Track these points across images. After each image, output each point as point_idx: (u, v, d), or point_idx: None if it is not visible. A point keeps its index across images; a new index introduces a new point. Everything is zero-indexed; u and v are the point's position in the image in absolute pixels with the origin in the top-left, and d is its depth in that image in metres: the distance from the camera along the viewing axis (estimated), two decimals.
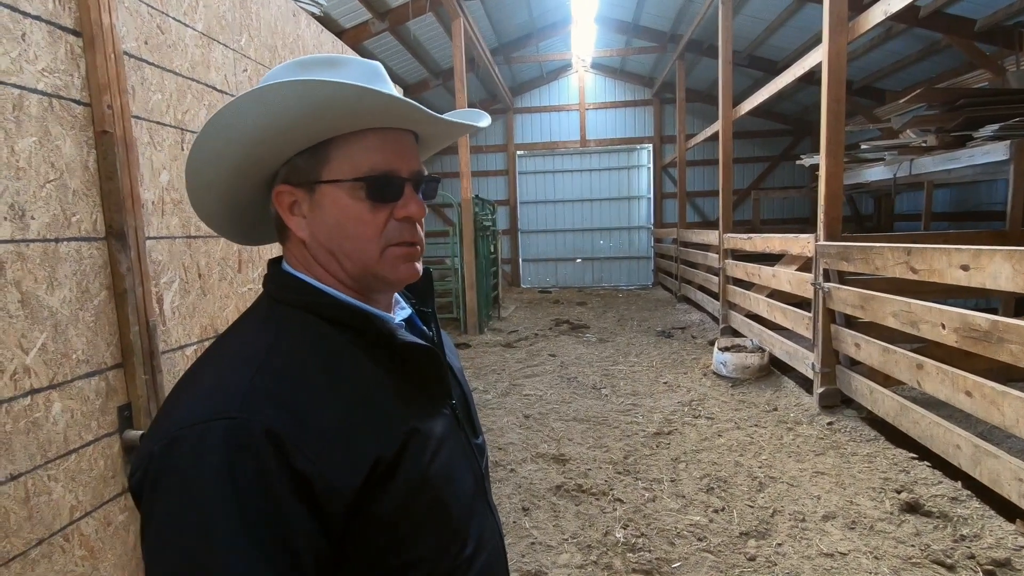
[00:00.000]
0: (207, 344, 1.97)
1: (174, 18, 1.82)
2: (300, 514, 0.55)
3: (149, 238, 1.66)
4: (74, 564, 1.39)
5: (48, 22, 1.37)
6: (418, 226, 0.71)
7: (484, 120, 0.78)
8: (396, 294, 0.82)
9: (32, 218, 1.30)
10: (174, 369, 1.79)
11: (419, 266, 0.73)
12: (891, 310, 3.22)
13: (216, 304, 1.99)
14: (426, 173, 0.73)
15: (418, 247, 0.71)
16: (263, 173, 0.71)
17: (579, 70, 12.97)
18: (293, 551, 0.54)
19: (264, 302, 0.72)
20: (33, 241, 1.31)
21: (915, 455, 3.16)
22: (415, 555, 0.64)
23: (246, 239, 0.83)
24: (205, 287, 1.94)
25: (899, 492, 2.80)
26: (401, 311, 0.80)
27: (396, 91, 0.70)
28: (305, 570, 0.55)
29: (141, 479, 0.57)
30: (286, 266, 0.73)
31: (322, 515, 0.57)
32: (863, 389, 3.72)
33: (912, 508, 2.66)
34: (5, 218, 1.24)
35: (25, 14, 1.30)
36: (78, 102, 1.44)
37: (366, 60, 0.71)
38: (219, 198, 0.74)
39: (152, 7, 1.72)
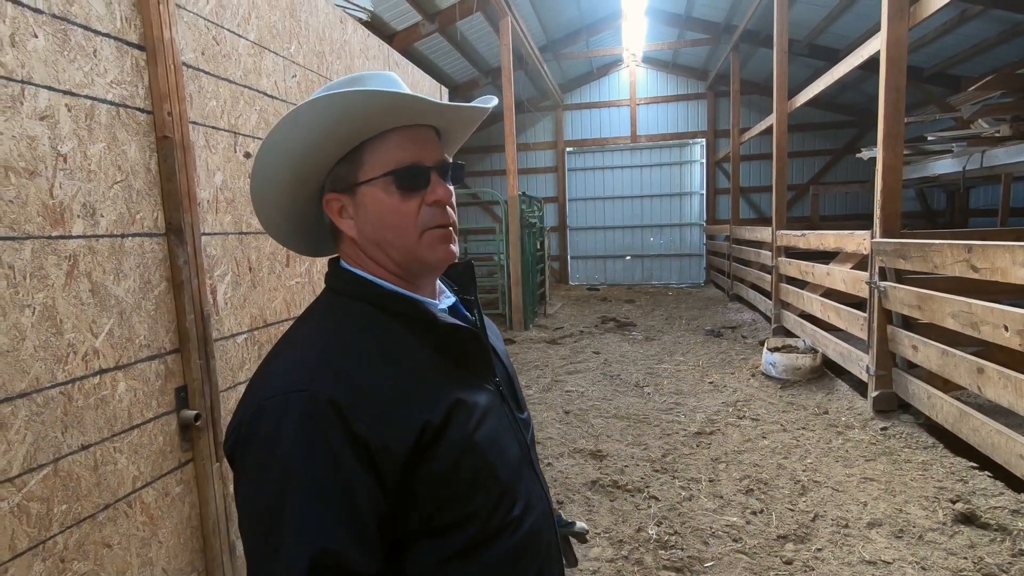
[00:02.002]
0: (257, 333, 2.11)
1: (229, 30, 1.96)
2: (359, 471, 0.66)
3: (204, 234, 1.80)
4: (136, 528, 1.54)
5: (116, 38, 1.51)
6: (449, 208, 0.79)
7: (490, 103, 0.86)
8: (441, 284, 0.91)
9: (101, 216, 1.45)
10: (226, 355, 1.93)
11: (455, 248, 0.81)
12: (950, 311, 3.05)
13: (265, 296, 2.13)
14: (451, 160, 0.82)
15: (451, 227, 0.80)
16: (312, 187, 0.82)
17: (630, 65, 12.78)
18: (353, 503, 0.65)
19: (326, 295, 0.83)
20: (102, 236, 1.45)
21: (975, 464, 2.98)
22: (467, 511, 0.72)
23: (316, 251, 0.94)
24: (255, 280, 2.08)
25: (954, 502, 2.66)
26: (446, 299, 0.88)
27: (415, 94, 0.79)
28: (364, 519, 0.66)
29: (234, 442, 0.70)
30: (343, 263, 0.84)
31: (379, 472, 0.67)
32: (920, 393, 3.54)
33: (967, 519, 2.52)
34: (78, 216, 1.39)
35: (96, 32, 1.45)
36: (142, 110, 1.58)
37: (382, 73, 0.80)
38: (285, 217, 0.86)
39: (209, 20, 1.86)
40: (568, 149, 13.40)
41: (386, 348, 0.74)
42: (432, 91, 4.20)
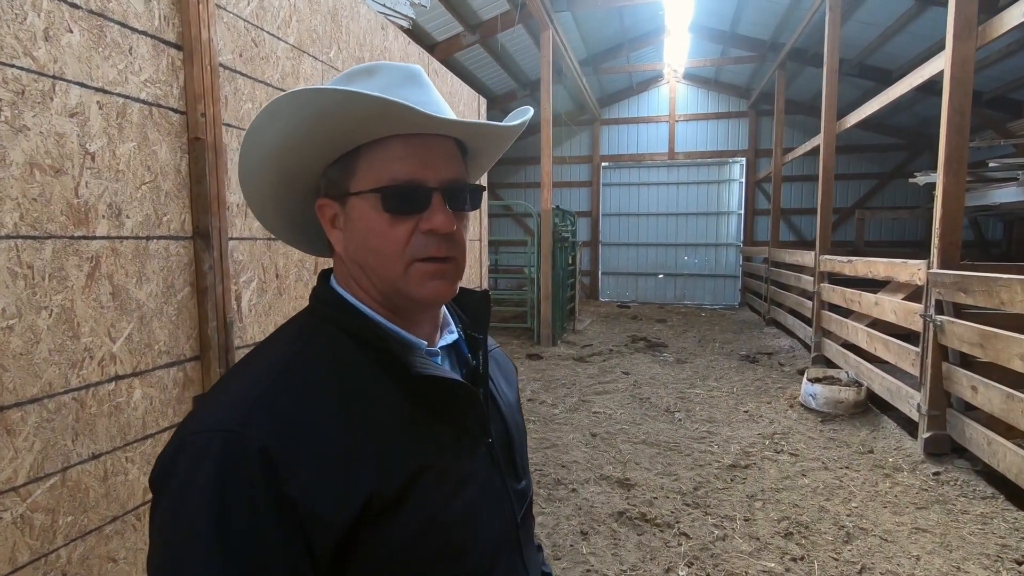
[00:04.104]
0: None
1: (269, 32, 1.93)
2: (281, 540, 0.54)
3: (232, 239, 1.76)
4: (144, 543, 1.48)
5: (153, 37, 1.48)
6: (451, 239, 0.66)
7: (522, 116, 0.72)
8: (449, 316, 0.78)
9: (127, 217, 1.41)
10: None
11: (454, 284, 0.68)
12: (1018, 351, 2.81)
13: (291, 304, 2.08)
14: (468, 181, 0.69)
15: (450, 263, 0.66)
16: (302, 187, 0.71)
17: (670, 80, 12.62)
18: (268, 574, 0.53)
19: (303, 314, 0.71)
20: (127, 238, 1.41)
21: None
22: None
23: (317, 252, 0.82)
24: (282, 287, 2.03)
25: (1020, 564, 2.42)
26: (449, 335, 0.75)
27: (435, 96, 0.68)
28: None
29: (155, 476, 0.59)
30: (332, 280, 0.72)
31: (308, 544, 0.55)
32: (979, 438, 3.28)
33: None
34: (103, 216, 1.35)
35: (133, 29, 1.42)
36: (175, 110, 1.55)
37: (404, 65, 0.68)
38: (276, 213, 0.75)
39: (249, 22, 1.83)
40: (604, 164, 13.27)
41: (349, 392, 0.61)
42: (470, 101, 4.16)
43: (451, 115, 0.67)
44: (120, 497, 1.40)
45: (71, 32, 1.26)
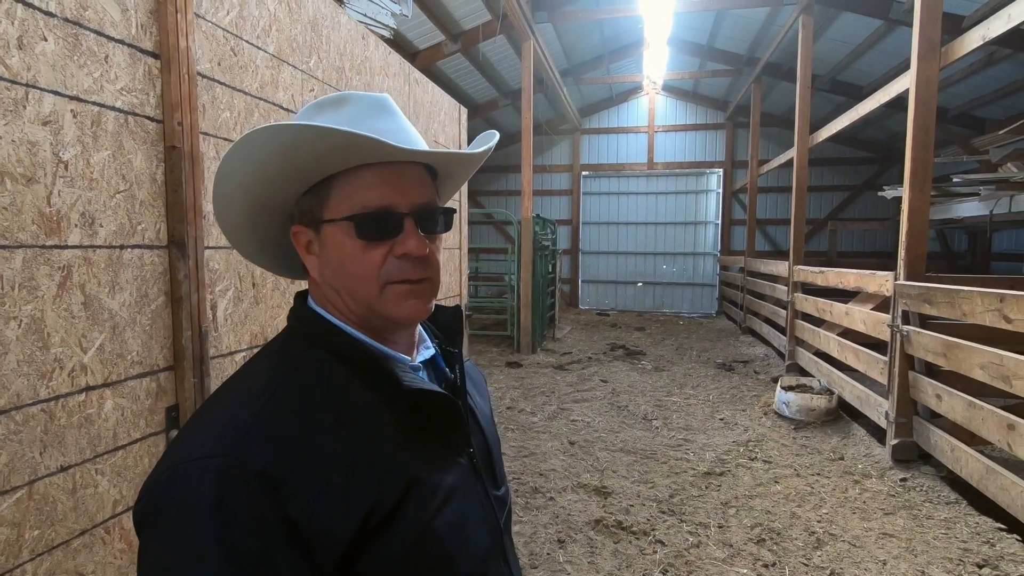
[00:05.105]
0: (256, 351, 2.04)
1: (248, 41, 1.92)
2: (289, 560, 0.54)
3: (208, 248, 1.75)
4: (113, 556, 1.45)
5: (130, 45, 1.47)
6: (427, 261, 0.68)
7: (488, 142, 0.75)
8: (423, 332, 0.80)
9: (101, 226, 1.39)
10: (223, 374, 1.86)
11: (428, 303, 0.70)
12: (979, 361, 2.92)
13: (268, 313, 2.07)
14: (438, 204, 0.71)
15: (425, 283, 0.68)
16: (277, 215, 0.72)
17: (649, 92, 12.82)
18: None
19: (284, 336, 0.72)
20: (100, 247, 1.40)
21: (1003, 526, 2.82)
22: None
23: (292, 274, 0.83)
24: (258, 296, 2.02)
25: (981, 567, 2.50)
26: (425, 351, 0.78)
27: (404, 124, 0.69)
28: None
29: (143, 509, 0.57)
30: (310, 301, 0.74)
31: (313, 563, 0.55)
32: (943, 445, 3.38)
33: None
34: (76, 225, 1.33)
35: (110, 38, 1.41)
36: (151, 119, 1.54)
37: (373, 95, 0.70)
38: (252, 240, 0.76)
39: (228, 31, 1.83)
40: (584, 173, 13.40)
41: (340, 410, 0.63)
42: (451, 110, 4.18)
43: (420, 142, 0.69)
44: (89, 510, 1.38)
45: (45, 40, 1.25)
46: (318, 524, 0.55)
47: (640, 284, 13.32)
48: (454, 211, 0.74)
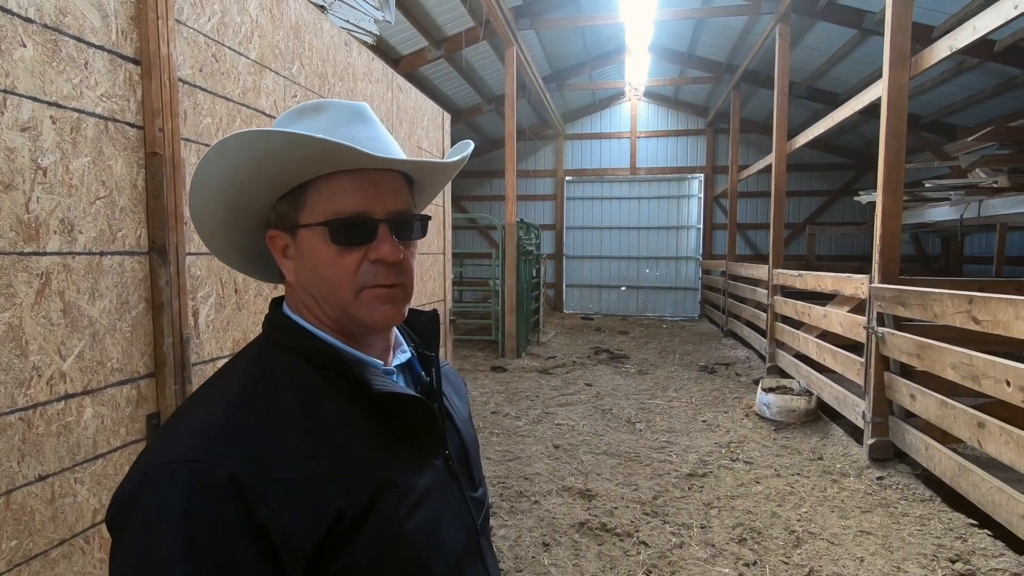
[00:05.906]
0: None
1: (230, 47, 1.92)
2: (254, 566, 0.54)
3: (190, 254, 1.74)
4: (92, 567, 1.44)
5: (110, 51, 1.47)
6: (399, 267, 0.69)
7: (463, 151, 0.77)
8: (400, 336, 0.81)
9: (80, 232, 1.38)
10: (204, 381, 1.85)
11: (402, 308, 0.71)
12: (950, 361, 3.00)
13: (250, 319, 2.06)
14: (413, 212, 0.72)
15: (399, 288, 0.70)
16: (253, 219, 0.73)
17: (631, 98, 12.97)
18: None
19: (258, 342, 0.73)
20: (80, 254, 1.39)
21: (974, 522, 2.90)
22: None
23: (271, 279, 0.84)
24: (241, 302, 2.01)
25: (953, 562, 2.57)
26: (402, 355, 0.79)
27: (380, 132, 0.71)
28: None
29: (114, 515, 0.58)
30: (285, 307, 0.74)
31: (281, 568, 0.55)
32: (918, 444, 3.46)
33: None
34: (55, 232, 1.32)
35: (89, 44, 1.41)
36: (132, 125, 1.53)
37: (350, 103, 0.71)
38: (228, 244, 0.77)
39: (210, 37, 1.83)
40: (568, 178, 13.48)
41: (310, 415, 0.63)
42: (434, 116, 4.20)
43: (396, 151, 0.71)
44: (68, 520, 1.36)
45: (24, 46, 1.24)
46: (286, 529, 0.56)
47: (624, 288, 13.42)
48: (429, 218, 0.76)
